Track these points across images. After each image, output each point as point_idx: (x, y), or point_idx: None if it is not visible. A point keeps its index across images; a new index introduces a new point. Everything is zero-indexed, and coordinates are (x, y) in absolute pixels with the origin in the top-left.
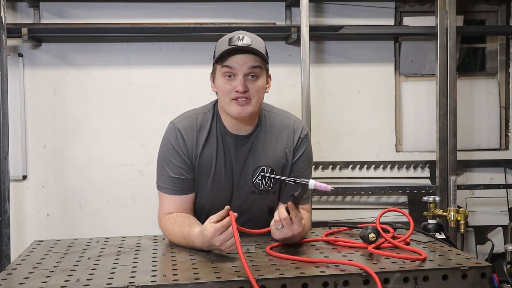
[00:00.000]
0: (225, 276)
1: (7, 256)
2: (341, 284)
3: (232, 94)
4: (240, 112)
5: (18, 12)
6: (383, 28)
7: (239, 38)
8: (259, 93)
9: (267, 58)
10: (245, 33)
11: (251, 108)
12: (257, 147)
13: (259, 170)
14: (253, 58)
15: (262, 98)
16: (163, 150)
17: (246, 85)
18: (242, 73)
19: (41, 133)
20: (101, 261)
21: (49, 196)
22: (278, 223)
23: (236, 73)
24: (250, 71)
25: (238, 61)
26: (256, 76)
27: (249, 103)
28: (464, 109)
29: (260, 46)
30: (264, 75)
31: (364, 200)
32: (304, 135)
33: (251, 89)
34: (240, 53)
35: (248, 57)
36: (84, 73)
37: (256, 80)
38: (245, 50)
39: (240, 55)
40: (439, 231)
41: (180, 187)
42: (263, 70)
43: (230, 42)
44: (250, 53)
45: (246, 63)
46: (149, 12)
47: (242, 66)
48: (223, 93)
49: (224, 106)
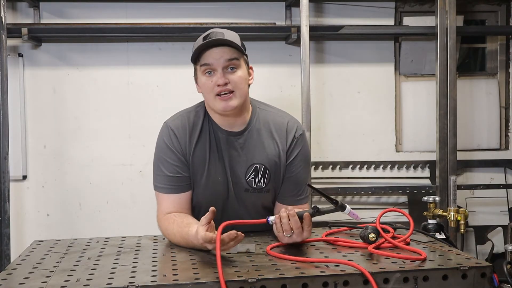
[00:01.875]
0: (225, 276)
1: (7, 256)
2: (341, 284)
3: (215, 89)
4: (225, 106)
5: (18, 12)
6: (383, 28)
7: (213, 34)
8: (241, 84)
9: (243, 49)
10: (218, 29)
11: (235, 101)
12: (249, 145)
13: (252, 167)
14: (228, 50)
15: (245, 90)
16: (158, 150)
17: (226, 77)
18: (220, 67)
19: (41, 133)
20: (101, 261)
21: (49, 196)
22: (288, 232)
23: (215, 68)
24: (228, 63)
25: (214, 56)
26: (235, 67)
27: (233, 96)
28: (464, 109)
29: (234, 38)
30: (243, 66)
31: (364, 200)
32: (299, 135)
33: (231, 81)
34: (214, 47)
35: (223, 50)
36: (84, 73)
37: (235, 71)
38: (218, 44)
39: (215, 49)
40: (439, 231)
41: (176, 185)
42: (242, 61)
43: (204, 39)
44: (224, 45)
45: (222, 56)
46: (149, 12)
47: (218, 60)
48: (206, 90)
49: (210, 103)
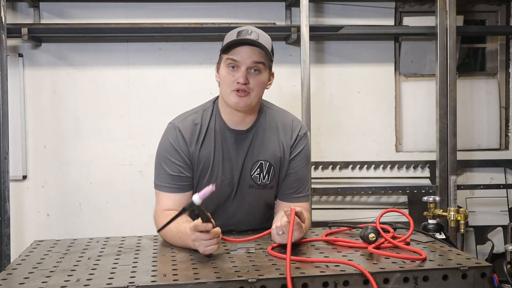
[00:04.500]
0: (225, 276)
1: (7, 256)
2: (341, 284)
3: (234, 85)
4: (238, 102)
5: (18, 12)
6: (383, 28)
7: (248, 32)
8: (259, 87)
9: (271, 56)
10: (254, 28)
11: (249, 100)
12: (256, 142)
13: (257, 164)
14: (258, 53)
15: (261, 93)
16: (162, 149)
17: (247, 77)
18: (245, 66)
19: (41, 133)
20: (101, 261)
21: (49, 196)
22: (279, 229)
23: (240, 65)
24: (254, 65)
25: (243, 54)
26: (259, 70)
27: (248, 95)
28: (464, 109)
29: (267, 42)
30: (266, 72)
31: (364, 200)
32: (303, 134)
33: (251, 82)
34: (246, 45)
35: (254, 51)
36: (84, 73)
37: (258, 74)
38: (251, 44)
39: (246, 48)
40: (439, 231)
41: (178, 185)
42: (266, 67)
43: (238, 35)
44: (256, 47)
45: (251, 57)
46: (149, 12)
47: (246, 59)
48: (225, 83)
49: (225, 96)
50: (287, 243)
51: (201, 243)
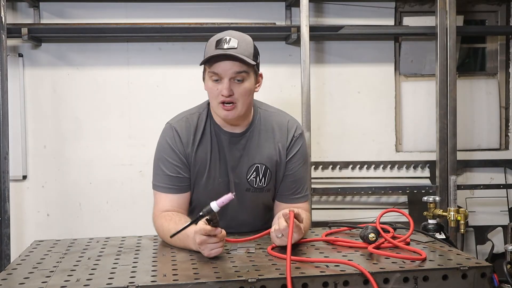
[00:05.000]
0: (225, 276)
1: (7, 256)
2: (341, 284)
3: (219, 98)
4: (227, 115)
5: (18, 12)
6: (383, 28)
7: (226, 41)
8: (245, 96)
9: (253, 62)
10: (232, 34)
11: (236, 112)
12: (251, 145)
13: (253, 167)
14: (238, 63)
15: (248, 100)
16: (160, 150)
17: (231, 89)
18: (227, 77)
19: (41, 133)
20: (101, 261)
21: (49, 196)
22: (278, 232)
23: (222, 77)
24: (236, 75)
25: (223, 66)
26: (242, 79)
27: (235, 107)
28: (464, 109)
29: (248, 48)
30: (251, 77)
31: (364, 200)
32: (299, 134)
33: (236, 92)
34: (225, 59)
35: (233, 62)
36: (84, 73)
37: (241, 83)
38: (230, 56)
39: (225, 61)
40: (439, 231)
41: (176, 186)
42: (250, 73)
43: (217, 45)
44: (235, 59)
45: (231, 68)
46: (149, 12)
47: (227, 71)
48: (211, 95)
49: (214, 108)
50: (287, 245)
51: (207, 247)
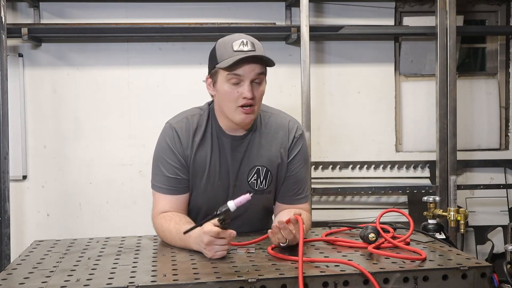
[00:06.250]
0: (225, 276)
1: (7, 256)
2: (341, 284)
3: (239, 100)
4: (245, 119)
5: (18, 12)
6: (383, 28)
7: (244, 43)
8: (261, 98)
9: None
10: (246, 37)
11: (254, 115)
12: (252, 147)
13: (254, 170)
14: (260, 65)
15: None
16: (159, 150)
17: (253, 91)
18: (249, 79)
19: (41, 133)
20: (101, 261)
21: (49, 196)
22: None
23: (243, 79)
24: (256, 77)
25: (247, 69)
26: (261, 81)
27: (253, 110)
28: (464, 109)
29: (263, 51)
30: (265, 80)
31: (364, 200)
32: (299, 135)
33: (256, 95)
34: (249, 60)
35: (256, 65)
36: (84, 73)
37: (260, 85)
38: (254, 58)
39: (250, 64)
40: (439, 231)
41: (175, 187)
42: (265, 75)
43: (235, 47)
44: (258, 61)
45: (254, 70)
46: (149, 12)
47: (249, 73)
48: (229, 99)
49: (228, 112)
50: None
51: (213, 248)
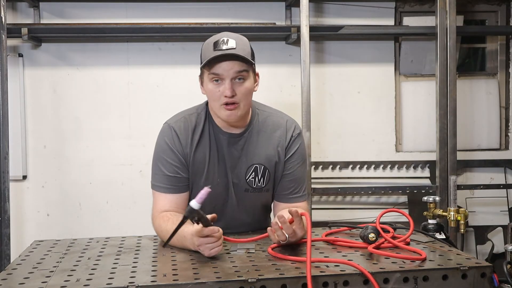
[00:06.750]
0: (225, 276)
1: (7, 256)
2: (341, 284)
3: (222, 99)
4: (229, 115)
5: (18, 12)
6: (383, 28)
7: (224, 42)
8: (247, 95)
9: (252, 61)
10: (229, 35)
11: (239, 112)
12: (249, 146)
13: (252, 168)
14: (239, 62)
15: (250, 100)
16: (158, 150)
17: (233, 89)
18: (229, 77)
19: (41, 133)
20: (101, 261)
21: (49, 196)
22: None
23: (223, 78)
24: (237, 75)
25: (225, 67)
26: (243, 78)
27: (237, 107)
28: (464, 109)
29: (245, 48)
30: (251, 76)
31: (364, 200)
32: (297, 134)
33: (238, 92)
34: (226, 59)
35: (234, 62)
36: (84, 73)
37: (243, 82)
38: (231, 56)
39: (226, 62)
40: (439, 231)
41: (175, 186)
42: (250, 72)
43: (215, 47)
44: (236, 58)
45: (233, 68)
46: (149, 12)
47: (228, 71)
48: (213, 98)
49: (215, 110)
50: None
51: (206, 247)
